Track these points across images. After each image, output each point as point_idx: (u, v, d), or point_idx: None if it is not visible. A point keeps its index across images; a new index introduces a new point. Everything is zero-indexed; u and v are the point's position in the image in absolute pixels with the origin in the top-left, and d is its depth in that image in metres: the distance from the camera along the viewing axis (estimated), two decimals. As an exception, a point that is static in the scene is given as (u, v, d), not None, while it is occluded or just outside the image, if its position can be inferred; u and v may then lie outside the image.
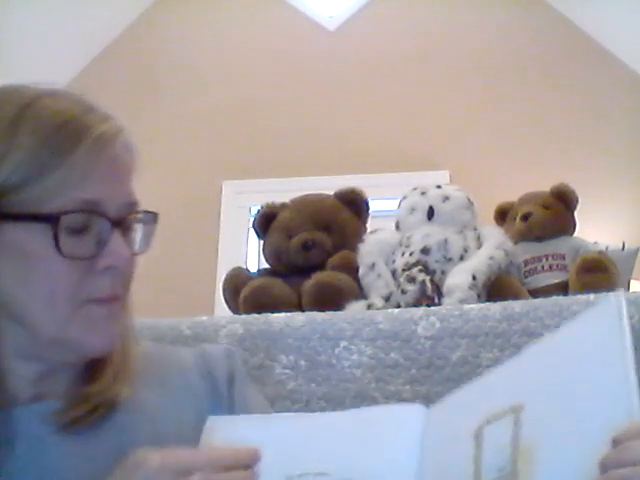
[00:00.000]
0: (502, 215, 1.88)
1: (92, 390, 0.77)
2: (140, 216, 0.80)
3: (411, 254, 1.53)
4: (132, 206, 0.78)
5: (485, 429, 0.66)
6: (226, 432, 0.76)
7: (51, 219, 0.70)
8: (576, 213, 1.84)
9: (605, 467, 0.57)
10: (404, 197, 1.67)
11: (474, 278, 1.45)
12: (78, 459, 0.73)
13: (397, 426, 0.74)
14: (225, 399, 0.85)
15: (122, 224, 0.76)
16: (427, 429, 0.72)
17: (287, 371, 1.13)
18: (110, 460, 0.69)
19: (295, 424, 0.80)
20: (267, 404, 0.93)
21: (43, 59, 3.30)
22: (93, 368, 0.79)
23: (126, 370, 0.80)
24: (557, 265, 1.70)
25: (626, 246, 1.73)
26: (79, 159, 0.71)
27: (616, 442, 0.57)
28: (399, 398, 1.09)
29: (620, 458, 0.56)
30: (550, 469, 0.60)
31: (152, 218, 0.82)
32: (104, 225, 0.73)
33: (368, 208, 1.79)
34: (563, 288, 1.61)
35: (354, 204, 1.77)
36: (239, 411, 0.85)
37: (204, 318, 1.21)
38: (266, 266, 1.78)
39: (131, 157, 0.79)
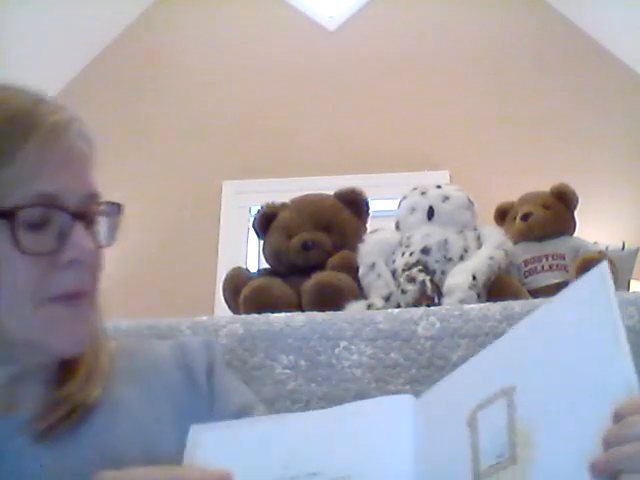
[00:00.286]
0: (502, 215, 1.88)
1: (63, 393, 0.75)
2: (103, 208, 0.77)
3: (411, 254, 1.53)
4: (93, 198, 0.75)
5: (478, 414, 0.64)
6: (211, 441, 0.74)
7: (7, 215, 0.68)
8: (576, 213, 1.84)
9: (608, 444, 0.54)
10: (404, 197, 1.68)
11: (474, 278, 1.45)
12: (59, 468, 0.72)
13: (387, 418, 0.73)
14: (204, 390, 0.83)
15: (84, 217, 0.73)
16: (418, 418, 0.70)
17: (287, 371, 1.13)
18: (92, 463, 0.68)
19: (282, 425, 0.78)
20: (250, 393, 0.90)
21: (43, 59, 3.30)
22: (64, 370, 0.78)
23: (98, 370, 0.78)
24: (557, 265, 1.70)
25: (626, 246, 1.73)
26: (31, 152, 0.70)
27: (617, 416, 0.55)
28: (399, 398, 1.09)
29: (623, 434, 0.54)
30: (550, 451, 0.58)
31: (117, 210, 0.79)
32: (64, 218, 0.71)
33: (368, 208, 1.79)
34: (563, 288, 1.61)
35: (354, 204, 1.77)
36: (220, 401, 0.84)
37: (204, 318, 1.21)
38: (266, 266, 1.78)
39: (88, 147, 0.77)
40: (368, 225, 1.77)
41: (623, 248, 1.72)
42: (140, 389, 0.81)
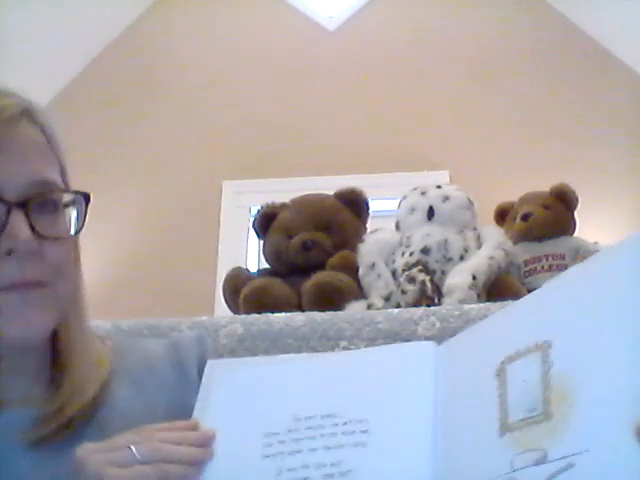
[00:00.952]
0: (502, 215, 1.88)
1: (60, 389, 0.75)
2: (55, 196, 0.75)
3: (411, 254, 1.54)
4: (39, 186, 0.73)
5: (508, 367, 0.63)
6: (228, 375, 0.73)
7: None
8: (576, 213, 1.84)
9: None
10: (404, 197, 1.68)
11: (474, 278, 1.45)
12: (54, 468, 0.71)
13: (408, 363, 0.72)
14: (196, 386, 0.82)
15: (25, 205, 0.71)
16: (440, 365, 0.69)
17: (287, 371, 1.13)
18: None
19: (301, 365, 0.78)
20: None
21: (43, 59, 3.30)
22: (56, 365, 0.77)
23: (93, 366, 0.78)
24: (557, 265, 1.71)
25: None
26: None
27: None
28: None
29: None
30: (589, 410, 0.55)
31: (80, 199, 0.77)
32: (1, 206, 0.70)
33: (368, 208, 1.79)
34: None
35: (354, 204, 1.77)
36: None
37: (204, 318, 1.21)
38: (266, 266, 1.78)
39: (39, 135, 0.75)
40: (368, 225, 1.77)
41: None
42: (134, 389, 0.81)
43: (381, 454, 0.65)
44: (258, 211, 1.82)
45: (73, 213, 0.76)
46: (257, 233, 1.82)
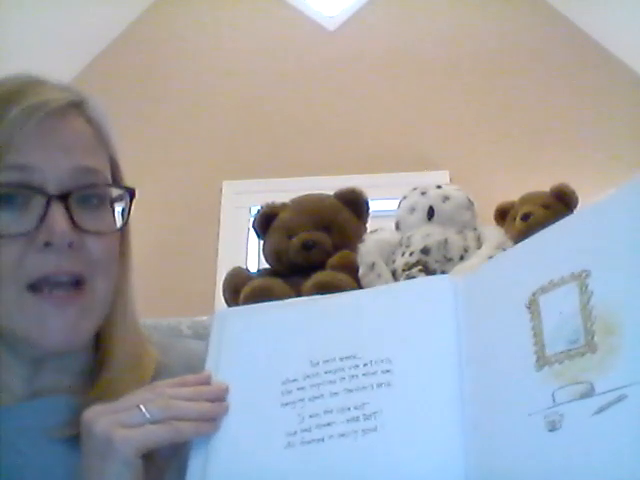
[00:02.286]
0: (502, 215, 1.89)
1: (99, 382, 0.74)
2: (99, 190, 0.75)
3: (411, 254, 1.53)
4: (82, 178, 0.73)
5: (541, 298, 0.60)
6: (238, 324, 0.71)
7: None
8: (576, 213, 1.84)
9: None
10: (404, 197, 1.67)
11: (474, 278, 1.45)
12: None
13: (425, 298, 0.69)
14: None
15: (69, 197, 0.71)
16: (460, 299, 0.67)
17: (287, 371, 1.13)
18: None
19: (314, 308, 0.75)
20: None
21: (43, 59, 3.30)
22: (96, 361, 0.77)
23: (136, 365, 0.77)
24: (557, 265, 1.70)
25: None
26: (5, 130, 0.69)
27: None
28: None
29: None
30: (638, 342, 0.53)
31: (124, 195, 0.77)
32: (41, 198, 0.70)
33: (368, 208, 1.79)
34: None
35: (354, 204, 1.77)
36: None
37: (204, 318, 1.21)
38: (266, 266, 1.78)
39: (84, 127, 0.75)
40: (368, 225, 1.77)
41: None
42: None
43: (407, 394, 0.63)
44: (258, 211, 1.82)
45: (118, 208, 0.76)
46: (257, 233, 1.82)
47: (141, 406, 0.62)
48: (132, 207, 0.77)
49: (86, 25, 3.52)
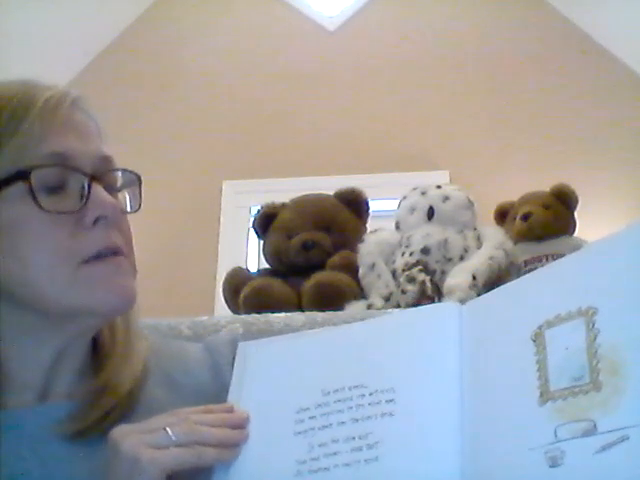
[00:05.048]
0: (502, 215, 1.89)
1: (98, 382, 0.75)
2: (119, 174, 0.78)
3: (411, 254, 1.53)
4: (107, 161, 0.76)
5: (547, 332, 0.60)
6: (258, 355, 0.74)
7: (23, 176, 0.69)
8: (576, 213, 1.84)
9: None
10: (404, 197, 1.67)
11: (474, 278, 1.45)
12: (90, 469, 0.71)
13: (431, 326, 0.70)
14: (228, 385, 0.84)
15: (100, 179, 0.74)
16: (465, 327, 0.67)
17: (287, 371, 1.13)
18: None
19: (328, 338, 0.77)
20: None
21: (43, 59, 3.30)
22: (97, 360, 0.78)
23: (130, 362, 0.78)
24: (557, 265, 1.70)
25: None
26: (35, 122, 0.71)
27: None
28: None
29: None
30: None
31: (135, 180, 0.80)
32: (81, 178, 0.72)
33: (368, 208, 1.79)
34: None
35: (354, 204, 1.77)
36: None
37: (204, 318, 1.20)
38: (266, 266, 1.78)
39: (89, 119, 0.78)
40: (368, 225, 1.77)
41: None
42: (171, 391, 0.81)
43: (407, 424, 0.63)
44: (258, 211, 1.82)
45: (128, 192, 0.79)
46: (257, 233, 1.82)
47: (167, 428, 0.64)
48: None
49: (85, 26, 3.52)
